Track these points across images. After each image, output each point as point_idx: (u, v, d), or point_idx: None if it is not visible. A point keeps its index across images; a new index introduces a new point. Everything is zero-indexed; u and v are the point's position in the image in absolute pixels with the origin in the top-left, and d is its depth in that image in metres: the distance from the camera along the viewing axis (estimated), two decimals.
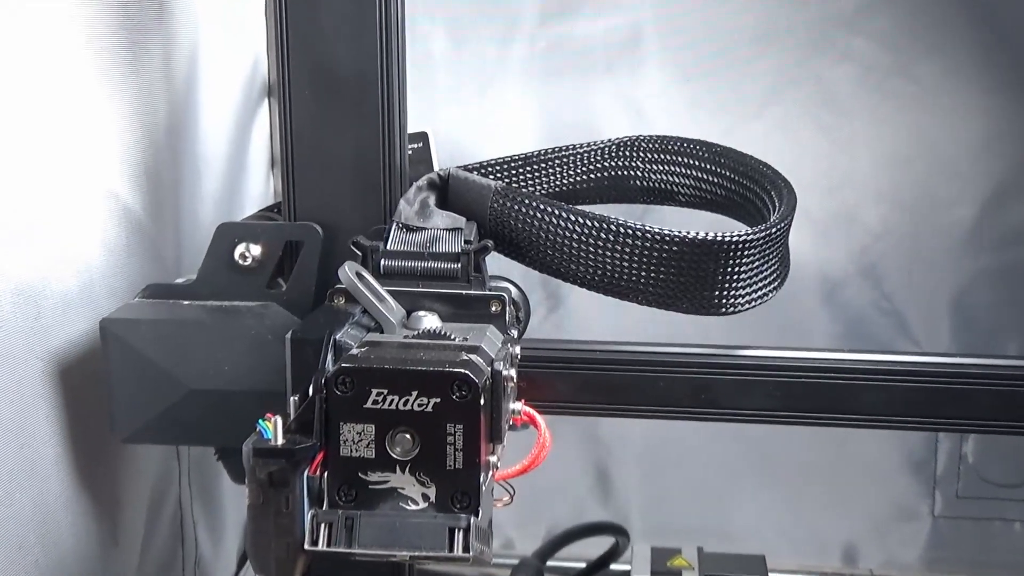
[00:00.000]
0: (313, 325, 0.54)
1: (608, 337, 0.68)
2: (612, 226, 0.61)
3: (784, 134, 0.95)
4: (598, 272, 0.62)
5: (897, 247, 0.96)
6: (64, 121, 0.63)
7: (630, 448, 1.03)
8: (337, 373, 0.48)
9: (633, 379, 0.64)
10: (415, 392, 0.47)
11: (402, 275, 0.59)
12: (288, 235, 0.63)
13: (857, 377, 0.63)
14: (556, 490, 1.03)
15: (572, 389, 0.63)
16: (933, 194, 0.95)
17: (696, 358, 0.64)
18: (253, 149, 0.94)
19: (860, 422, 0.63)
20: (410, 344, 0.52)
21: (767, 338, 0.71)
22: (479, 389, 0.47)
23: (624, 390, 0.64)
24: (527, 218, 0.63)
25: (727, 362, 0.64)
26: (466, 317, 0.58)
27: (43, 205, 0.62)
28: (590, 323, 0.99)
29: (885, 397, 0.62)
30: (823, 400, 0.63)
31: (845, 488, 1.01)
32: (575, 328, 1.01)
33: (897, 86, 0.94)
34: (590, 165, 0.73)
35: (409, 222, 0.61)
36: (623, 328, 0.97)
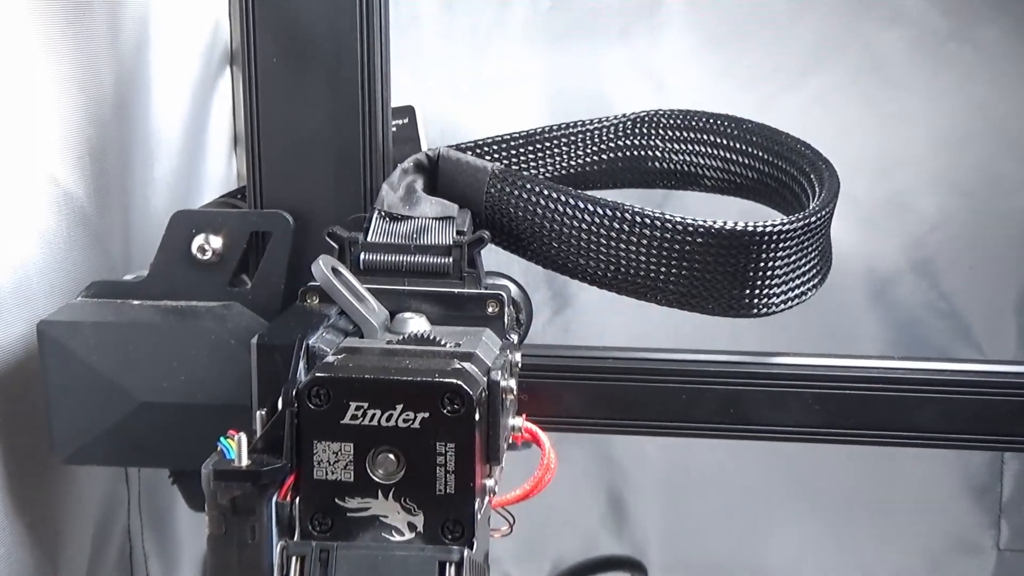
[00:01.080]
0: (282, 328, 0.54)
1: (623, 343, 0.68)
2: (628, 214, 0.61)
3: (826, 108, 0.96)
4: (612, 267, 0.62)
5: (956, 238, 0.96)
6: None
7: (648, 471, 1.04)
8: (310, 384, 0.48)
9: (652, 391, 0.64)
10: (400, 406, 0.48)
11: (385, 271, 0.59)
12: (254, 225, 0.64)
13: (910, 388, 0.63)
14: (563, 519, 1.04)
15: (581, 403, 0.63)
16: (997, 177, 0.95)
17: (724, 367, 0.64)
18: (213, 126, 0.94)
19: (914, 440, 0.63)
20: (394, 351, 0.52)
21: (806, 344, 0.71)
22: (473, 402, 0.47)
23: (641, 404, 0.64)
24: (529, 205, 0.63)
25: (760, 371, 0.64)
26: (459, 320, 0.58)
27: None
28: (602, 327, 1.00)
29: (942, 412, 0.62)
30: (870, 415, 0.63)
31: (896, 517, 1.01)
32: (585, 332, 1.01)
33: (955, 53, 0.94)
34: (602, 144, 0.73)
35: (393, 210, 0.61)
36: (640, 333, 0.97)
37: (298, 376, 0.51)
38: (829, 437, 0.64)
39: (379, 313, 0.57)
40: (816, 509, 1.02)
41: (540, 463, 0.55)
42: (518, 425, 0.56)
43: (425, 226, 0.61)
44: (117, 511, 0.80)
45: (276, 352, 0.52)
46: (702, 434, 0.64)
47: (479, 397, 0.48)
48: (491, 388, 0.50)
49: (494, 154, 0.72)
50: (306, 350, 0.52)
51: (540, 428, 0.57)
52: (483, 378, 0.50)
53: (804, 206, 0.68)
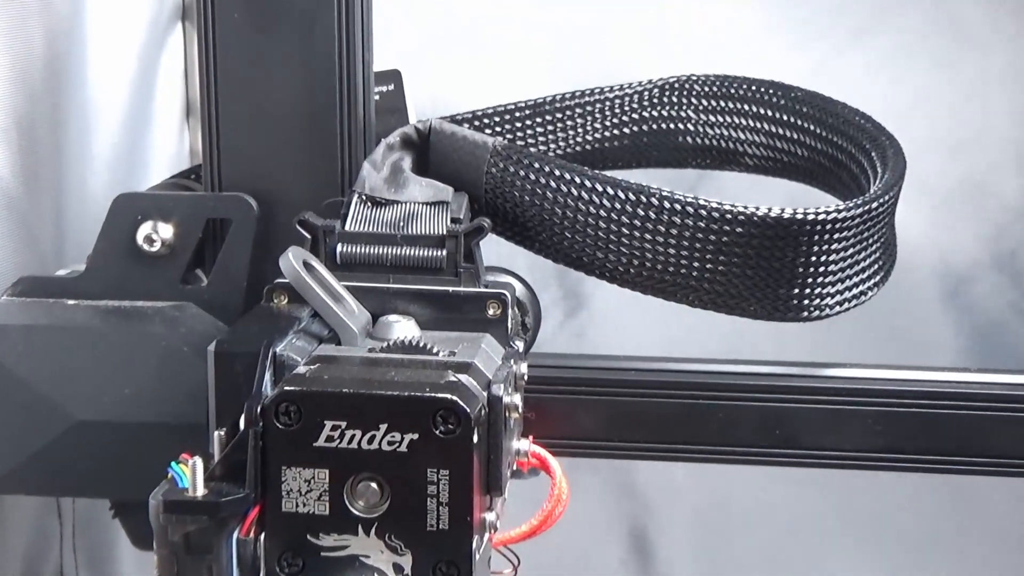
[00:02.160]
0: (245, 333, 0.54)
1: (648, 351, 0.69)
2: (655, 199, 0.62)
3: (890, 73, 0.96)
4: (635, 262, 0.63)
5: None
6: None
7: (678, 504, 1.04)
8: (278, 399, 0.48)
9: (682, 409, 0.64)
10: (384, 425, 0.48)
11: (366, 266, 0.59)
12: (210, 210, 0.64)
13: (989, 406, 0.63)
14: (576, 561, 1.04)
15: (598, 422, 0.64)
16: None
17: (768, 380, 0.64)
18: (162, 93, 0.94)
19: (993, 467, 0.64)
20: (377, 360, 0.52)
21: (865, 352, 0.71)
22: (471, 421, 0.48)
23: (670, 424, 0.64)
24: (538, 187, 0.63)
25: (811, 385, 0.64)
26: (454, 324, 0.58)
27: None
28: (623, 332, 1.00)
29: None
30: (942, 437, 0.63)
31: (972, 557, 1.01)
32: (603, 339, 1.01)
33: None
34: (624, 116, 0.73)
35: (376, 193, 0.61)
36: (668, 339, 0.97)
37: (263, 390, 0.51)
38: (893, 464, 0.64)
39: (359, 315, 0.57)
40: (878, 550, 1.02)
41: (549, 494, 0.56)
42: (524, 449, 0.56)
43: (414, 212, 0.61)
44: (48, 548, 0.81)
45: (237, 361, 0.52)
46: (742, 460, 0.64)
47: (478, 415, 0.48)
48: (492, 405, 0.50)
49: (496, 127, 0.72)
50: (273, 359, 0.52)
51: (550, 452, 0.57)
52: (482, 393, 0.50)
53: (864, 190, 0.68)
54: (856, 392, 0.64)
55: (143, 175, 0.91)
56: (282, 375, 0.52)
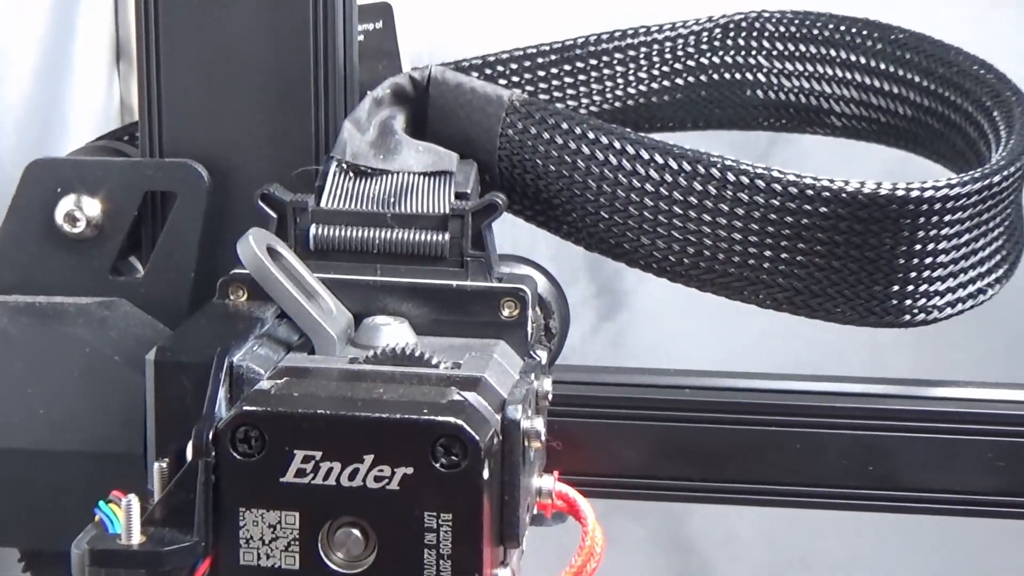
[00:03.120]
0: (193, 339, 0.54)
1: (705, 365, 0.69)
2: (716, 170, 0.62)
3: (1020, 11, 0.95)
4: (689, 249, 0.63)
5: None
6: None
7: (742, 560, 1.04)
8: (235, 423, 0.48)
9: (749, 439, 0.64)
10: (370, 457, 0.48)
11: (348, 253, 0.59)
12: (149, 181, 0.64)
13: None
14: None
15: (642, 454, 0.64)
16: None
17: (859, 403, 0.64)
18: (85, 33, 0.95)
19: None
20: (361, 373, 0.53)
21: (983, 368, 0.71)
22: (480, 452, 0.48)
23: (731, 458, 0.64)
24: (566, 154, 0.63)
25: (914, 409, 0.64)
26: (459, 327, 0.59)
27: None
28: (673, 339, 1.00)
29: None
30: None
31: None
32: (647, 348, 1.01)
33: None
34: (676, 63, 0.73)
35: (360, 160, 0.62)
36: (730, 350, 0.97)
37: (217, 410, 0.51)
38: (1018, 509, 0.64)
39: (338, 316, 0.57)
40: None
41: (580, 546, 0.56)
42: (547, 488, 0.56)
43: (408, 185, 0.61)
44: None
45: (183, 374, 0.52)
46: (825, 503, 0.64)
47: (489, 445, 0.48)
48: (507, 431, 0.50)
49: (513, 76, 0.72)
50: (229, 371, 0.52)
51: (580, 492, 0.57)
52: (495, 416, 0.50)
53: (983, 159, 0.68)
54: (971, 419, 0.64)
55: (61, 136, 0.91)
56: (240, 392, 0.52)
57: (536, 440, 0.53)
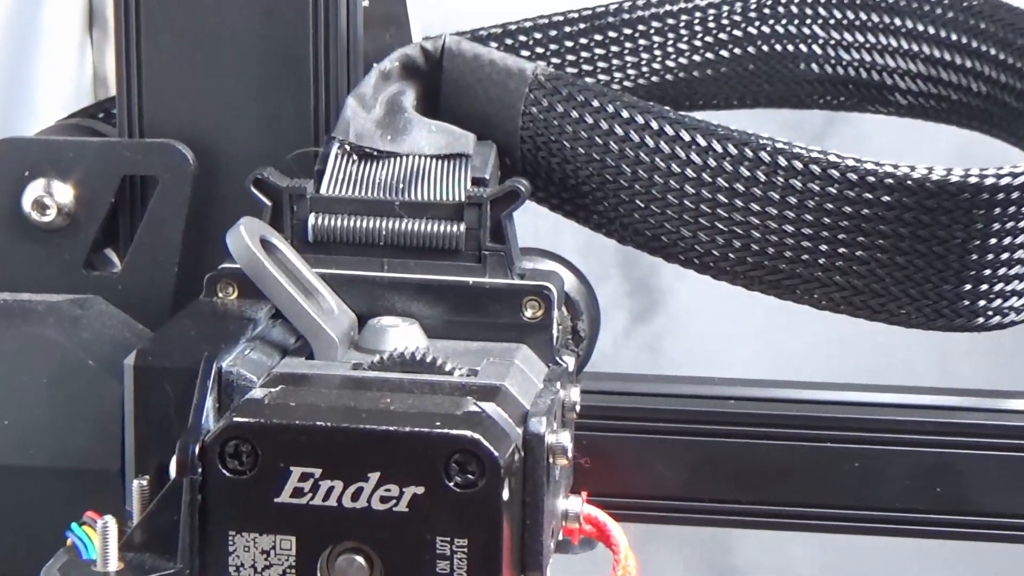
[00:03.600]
0: (177, 342, 0.54)
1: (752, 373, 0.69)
2: (765, 153, 0.61)
3: None
4: (736, 243, 0.63)
5: None
6: None
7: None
8: (225, 436, 0.48)
9: (801, 456, 0.64)
10: (375, 475, 0.48)
11: (351, 245, 0.59)
12: (128, 164, 0.64)
13: None
14: None
15: (681, 473, 0.64)
16: None
17: (926, 416, 0.64)
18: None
19: None
20: (366, 381, 0.53)
21: None
22: (500, 470, 0.48)
23: (783, 477, 0.64)
24: (597, 136, 0.63)
25: (987, 424, 0.64)
26: (475, 330, 0.59)
27: None
28: (716, 344, 1.00)
29: None
30: None
31: None
32: (686, 354, 1.01)
33: None
34: (721, 34, 0.73)
35: (365, 142, 0.62)
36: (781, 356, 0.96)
37: (204, 422, 0.51)
38: None
39: (340, 317, 0.58)
40: None
41: (612, 574, 0.56)
42: (574, 510, 0.56)
43: (419, 170, 0.61)
44: None
45: (166, 381, 0.52)
46: (888, 529, 0.64)
47: (509, 461, 0.49)
48: (530, 446, 0.50)
49: (536, 47, 0.72)
50: (218, 378, 0.52)
51: (611, 516, 0.57)
52: (516, 430, 0.50)
53: None
54: None
55: (27, 114, 0.91)
56: (230, 402, 0.52)
57: (562, 456, 0.53)
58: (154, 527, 0.49)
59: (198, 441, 0.49)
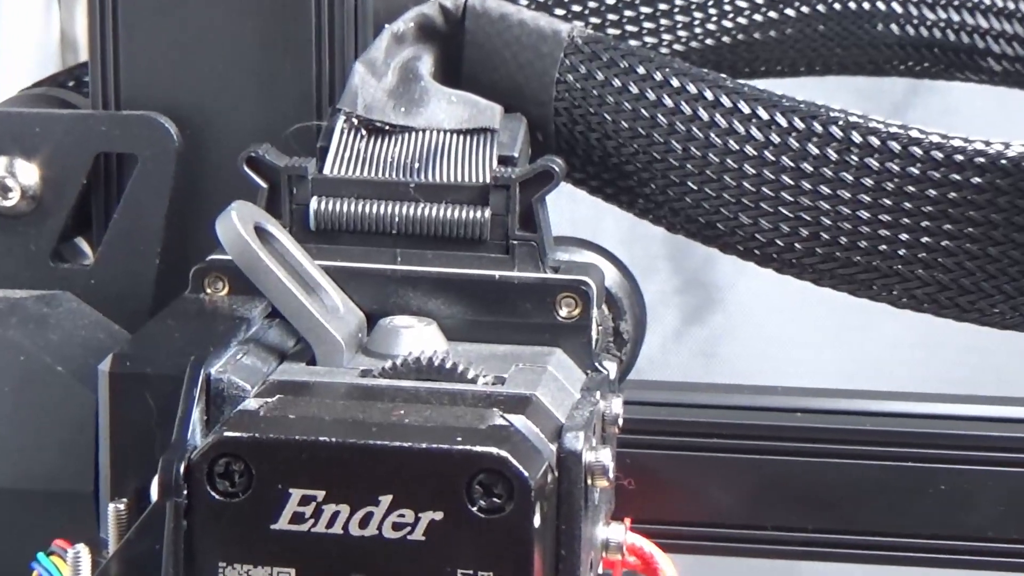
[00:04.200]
0: (158, 345, 0.55)
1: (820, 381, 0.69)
2: (837, 128, 0.62)
3: None
4: (803, 231, 0.63)
5: None
6: None
7: None
8: (214, 453, 0.48)
9: (877, 477, 0.64)
10: (387, 498, 0.48)
11: (359, 234, 0.60)
12: (103, 140, 0.64)
13: None
14: None
15: (739, 497, 0.64)
16: None
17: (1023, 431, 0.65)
18: None
19: None
20: (376, 391, 0.53)
21: None
22: (530, 493, 0.48)
23: (855, 501, 0.64)
24: (642, 107, 0.63)
25: None
26: (502, 331, 0.59)
27: None
28: (779, 349, 1.00)
29: None
30: None
31: None
32: (745, 359, 1.01)
33: None
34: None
35: (375, 114, 0.62)
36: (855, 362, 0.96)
37: (190, 436, 0.51)
38: None
39: (346, 316, 0.58)
40: None
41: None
42: (616, 539, 0.56)
43: (437, 146, 0.61)
44: None
45: (146, 389, 0.53)
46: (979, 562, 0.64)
47: (541, 483, 0.49)
48: (565, 466, 0.51)
49: (573, 5, 0.72)
50: (206, 387, 0.52)
51: (658, 546, 0.57)
52: (549, 446, 0.51)
53: None
54: None
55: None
56: (220, 414, 0.52)
57: (602, 477, 0.52)
58: (132, 557, 0.49)
59: (183, 459, 0.49)
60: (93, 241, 0.66)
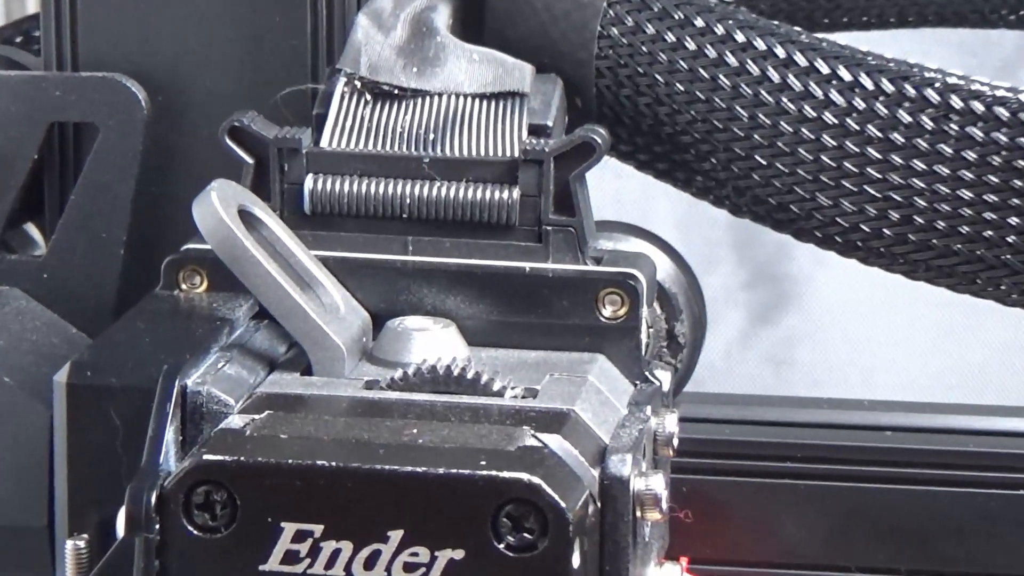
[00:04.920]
0: (124, 350, 0.55)
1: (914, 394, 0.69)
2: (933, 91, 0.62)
3: None
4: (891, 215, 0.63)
5: None
6: None
7: None
8: (191, 479, 0.49)
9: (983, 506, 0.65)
10: (397, 533, 0.48)
11: (363, 218, 0.60)
12: (56, 108, 0.65)
13: None
14: None
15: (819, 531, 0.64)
16: None
17: None
18: None
19: None
20: (383, 406, 0.53)
21: None
22: (568, 527, 0.48)
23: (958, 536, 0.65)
24: (701, 67, 0.63)
25: None
26: (534, 334, 0.59)
27: None
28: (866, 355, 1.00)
29: None
30: None
31: None
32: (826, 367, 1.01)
33: None
34: None
35: (382, 75, 0.62)
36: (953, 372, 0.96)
37: (163, 460, 0.52)
38: None
39: (348, 317, 0.58)
40: None
41: None
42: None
43: (456, 113, 0.62)
44: None
45: (111, 404, 0.53)
46: None
47: (581, 516, 0.49)
48: (609, 495, 0.51)
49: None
50: (182, 401, 0.53)
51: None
52: (591, 471, 0.51)
53: None
54: None
55: None
56: (199, 433, 0.53)
57: (654, 508, 0.53)
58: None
59: (155, 487, 0.49)
60: (46, 228, 0.66)
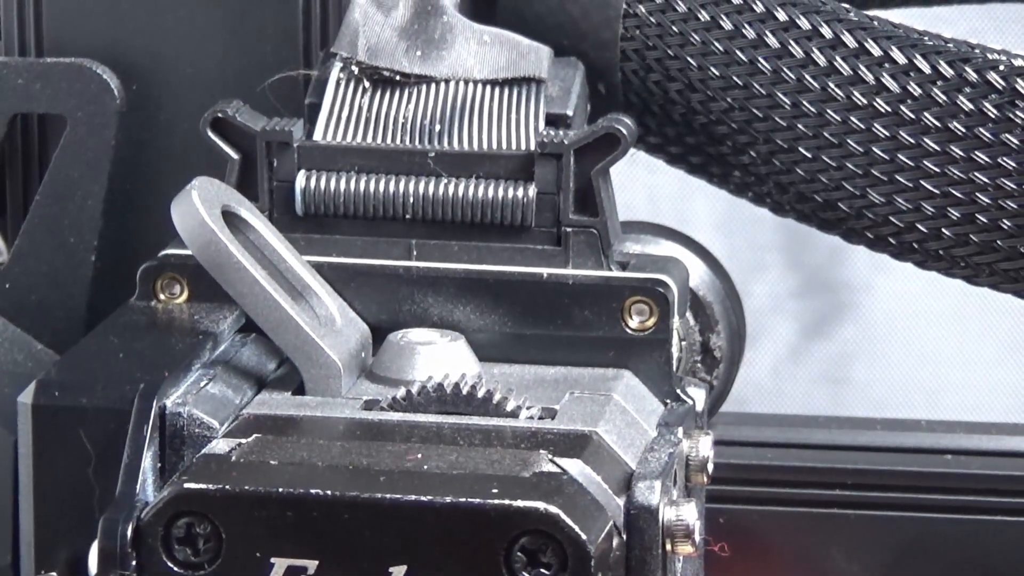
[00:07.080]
0: (95, 367, 0.55)
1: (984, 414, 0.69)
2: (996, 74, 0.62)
3: None
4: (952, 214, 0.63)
5: None
6: None
7: None
8: (171, 510, 0.49)
9: None
10: (399, 570, 0.48)
11: (360, 220, 0.60)
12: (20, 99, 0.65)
13: None
14: None
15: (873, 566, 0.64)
16: None
17: None
18: None
19: None
20: (384, 428, 0.54)
21: None
22: (590, 562, 0.48)
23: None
24: (739, 49, 0.64)
25: None
26: (552, 348, 0.59)
27: None
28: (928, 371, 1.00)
29: None
30: None
31: None
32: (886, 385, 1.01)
33: None
34: None
35: (382, 60, 0.62)
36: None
37: (138, 488, 0.52)
38: None
39: (345, 330, 0.59)
40: None
41: None
42: None
43: (465, 102, 0.62)
44: None
45: (80, 427, 0.53)
46: None
47: (605, 549, 0.49)
48: (636, 526, 0.51)
49: None
50: (160, 423, 0.53)
51: None
52: (615, 500, 0.51)
53: None
54: None
55: None
56: (179, 460, 0.53)
57: (686, 541, 0.53)
58: None
59: (132, 519, 0.49)
60: (7, 232, 0.66)
